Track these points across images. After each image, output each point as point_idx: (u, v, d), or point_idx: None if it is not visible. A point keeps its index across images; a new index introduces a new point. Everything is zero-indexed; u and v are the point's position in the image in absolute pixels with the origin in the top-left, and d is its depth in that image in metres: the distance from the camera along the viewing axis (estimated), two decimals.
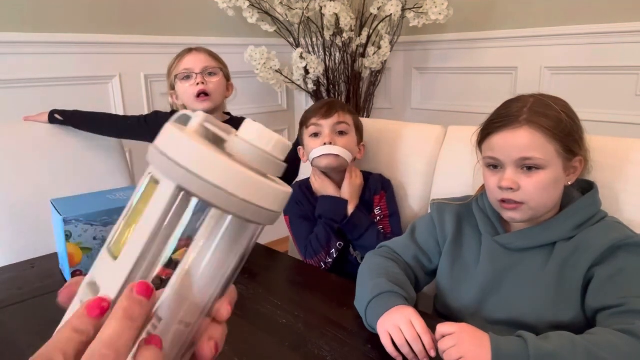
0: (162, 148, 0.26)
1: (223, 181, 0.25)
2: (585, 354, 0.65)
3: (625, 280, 0.76)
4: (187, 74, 1.46)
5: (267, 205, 0.27)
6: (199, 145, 0.26)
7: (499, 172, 0.85)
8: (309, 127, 1.23)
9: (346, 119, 1.23)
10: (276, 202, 0.28)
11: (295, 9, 2.14)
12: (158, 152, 0.26)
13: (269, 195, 0.27)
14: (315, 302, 0.96)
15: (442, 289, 0.96)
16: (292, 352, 0.77)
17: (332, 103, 1.26)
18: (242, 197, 0.26)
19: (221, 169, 0.25)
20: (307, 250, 1.21)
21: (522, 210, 0.83)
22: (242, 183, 0.26)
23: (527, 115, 0.81)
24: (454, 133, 1.27)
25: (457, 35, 2.19)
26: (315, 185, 1.26)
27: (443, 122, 1.36)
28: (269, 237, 2.52)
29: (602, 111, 1.83)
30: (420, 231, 1.00)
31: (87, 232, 0.98)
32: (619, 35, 1.77)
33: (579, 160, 0.85)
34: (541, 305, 0.83)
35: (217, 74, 1.49)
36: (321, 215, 1.21)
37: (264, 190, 0.27)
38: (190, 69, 1.46)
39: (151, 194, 0.26)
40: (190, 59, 1.47)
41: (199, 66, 1.46)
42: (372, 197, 1.27)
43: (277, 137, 0.28)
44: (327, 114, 1.22)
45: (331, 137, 1.20)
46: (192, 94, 1.44)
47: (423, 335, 0.72)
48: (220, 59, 1.55)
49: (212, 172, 0.25)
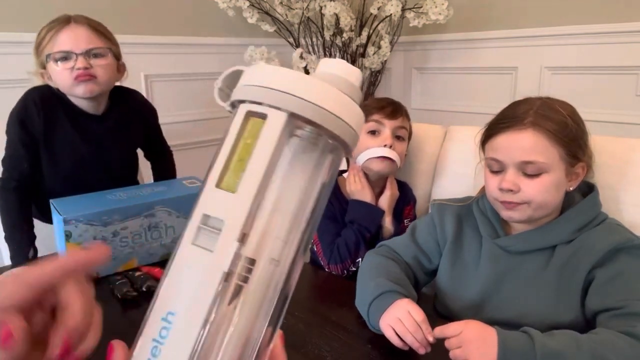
0: (264, 84, 0.28)
1: (331, 106, 0.28)
2: (590, 353, 0.65)
3: (626, 283, 0.76)
4: (64, 55, 1.15)
5: (357, 128, 0.30)
6: (300, 74, 0.28)
7: (500, 174, 0.84)
8: (369, 123, 1.16)
9: (406, 125, 1.20)
10: (360, 127, 0.30)
11: (295, 9, 2.14)
12: (257, 87, 0.28)
13: (359, 119, 0.30)
14: (315, 302, 0.96)
15: (442, 289, 0.96)
16: (292, 352, 0.76)
17: (398, 105, 1.20)
18: (347, 120, 0.28)
19: (329, 95, 0.28)
20: (333, 255, 1.13)
21: (521, 210, 0.83)
22: (345, 107, 0.28)
23: (533, 118, 0.81)
24: (454, 133, 1.27)
25: (457, 35, 2.19)
26: (352, 187, 1.18)
27: (443, 122, 1.36)
28: None
29: (602, 111, 1.82)
30: (421, 231, 1.00)
31: (88, 232, 0.98)
32: (619, 35, 1.76)
33: (582, 167, 0.85)
34: (541, 307, 0.83)
35: (104, 55, 1.19)
36: (353, 221, 1.14)
37: (357, 115, 0.29)
38: (69, 50, 1.14)
39: (259, 128, 0.27)
40: (67, 36, 1.15)
41: (80, 46, 1.15)
42: (404, 207, 1.23)
43: (354, 68, 0.31)
44: (392, 114, 1.16)
45: (392, 140, 1.15)
46: (69, 78, 1.15)
47: (421, 324, 0.75)
48: (109, 34, 1.23)
49: (321, 98, 0.27)
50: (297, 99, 0.27)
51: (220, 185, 0.28)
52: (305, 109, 0.27)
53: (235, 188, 0.27)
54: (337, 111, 0.28)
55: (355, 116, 0.29)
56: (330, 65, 0.30)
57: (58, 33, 1.15)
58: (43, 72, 1.20)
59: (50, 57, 1.15)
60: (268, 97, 0.27)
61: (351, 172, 1.21)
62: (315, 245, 1.19)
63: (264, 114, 0.27)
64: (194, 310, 0.26)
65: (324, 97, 0.27)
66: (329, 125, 0.28)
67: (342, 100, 0.28)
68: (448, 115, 2.31)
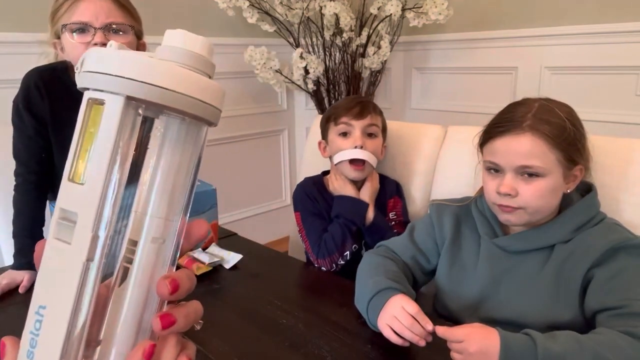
0: (99, 69, 0.27)
1: (168, 83, 0.27)
2: (592, 355, 0.65)
3: (625, 282, 0.76)
4: (81, 27, 1.06)
5: (211, 100, 0.29)
6: (137, 55, 0.27)
7: (498, 177, 0.84)
8: (339, 125, 1.20)
9: (377, 121, 1.22)
10: (216, 98, 0.30)
11: (295, 9, 2.14)
12: (93, 73, 0.27)
13: (212, 91, 0.29)
14: (315, 302, 0.96)
15: (441, 289, 0.96)
16: (292, 352, 0.77)
17: (365, 103, 1.22)
18: (188, 93, 0.28)
19: (163, 72, 0.27)
20: (320, 250, 1.16)
21: (518, 214, 0.83)
22: (186, 80, 0.28)
23: (531, 122, 0.81)
24: (454, 133, 1.27)
25: (457, 35, 2.19)
26: (335, 184, 1.22)
27: (443, 122, 1.36)
28: (269, 237, 2.52)
29: (602, 111, 1.83)
30: (419, 231, 1.00)
31: None
32: (619, 35, 1.77)
33: (580, 169, 0.85)
34: (540, 307, 0.83)
35: (125, 32, 1.10)
36: (339, 215, 1.17)
37: (202, 85, 0.29)
38: (87, 22, 1.06)
39: (99, 115, 0.27)
40: (87, 7, 1.06)
41: (100, 19, 1.06)
42: (386, 200, 1.26)
43: (201, 38, 0.30)
44: (359, 114, 1.18)
45: (362, 140, 1.17)
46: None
47: (416, 315, 0.75)
48: (133, 10, 1.14)
49: (157, 77, 0.27)
50: (131, 81, 0.27)
51: (72, 177, 0.28)
52: (141, 90, 0.27)
53: (82, 179, 0.27)
54: (175, 86, 0.27)
55: (200, 87, 0.29)
56: (172, 38, 0.30)
57: (78, 1, 1.06)
58: (56, 42, 1.12)
59: (67, 27, 1.06)
60: (104, 82, 0.27)
61: (332, 171, 1.25)
62: (304, 241, 1.22)
63: (102, 100, 0.27)
64: (61, 302, 0.27)
65: (159, 75, 0.27)
66: (170, 102, 0.27)
67: (179, 74, 0.28)
68: (448, 115, 2.31)
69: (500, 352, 0.66)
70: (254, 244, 1.26)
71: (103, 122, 0.27)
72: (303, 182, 1.29)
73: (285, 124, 2.74)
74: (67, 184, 0.28)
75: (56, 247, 0.28)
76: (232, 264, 1.11)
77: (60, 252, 0.28)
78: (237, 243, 1.25)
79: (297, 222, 1.24)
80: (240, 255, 1.13)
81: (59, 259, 0.28)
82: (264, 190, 2.73)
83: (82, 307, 0.27)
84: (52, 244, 0.28)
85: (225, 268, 1.10)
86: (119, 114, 0.27)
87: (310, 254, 1.19)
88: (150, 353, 0.29)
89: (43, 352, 0.27)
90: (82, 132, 0.28)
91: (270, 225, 2.69)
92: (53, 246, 0.28)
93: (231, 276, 1.07)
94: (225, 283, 1.04)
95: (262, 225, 2.68)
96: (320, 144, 1.29)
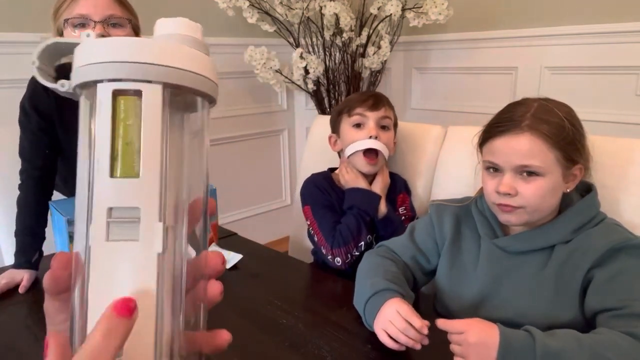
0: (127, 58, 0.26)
1: (197, 67, 0.28)
2: (591, 354, 0.65)
3: (625, 283, 0.76)
4: (82, 21, 1.11)
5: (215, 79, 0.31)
6: (155, 41, 0.27)
7: (498, 176, 0.85)
8: (353, 117, 1.20)
9: (390, 114, 1.23)
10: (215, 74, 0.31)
11: (295, 9, 2.14)
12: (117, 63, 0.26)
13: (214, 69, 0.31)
14: (315, 302, 0.96)
15: (441, 289, 0.96)
16: (292, 352, 0.77)
17: (379, 96, 1.24)
18: (209, 76, 0.29)
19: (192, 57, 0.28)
20: (335, 239, 1.14)
21: (518, 214, 0.83)
22: (206, 64, 0.29)
23: (530, 121, 0.81)
24: (454, 133, 1.27)
25: (457, 35, 2.19)
26: (346, 178, 1.22)
27: (443, 122, 1.36)
28: (269, 237, 2.52)
29: (602, 111, 1.83)
30: (419, 231, 1.01)
31: None
32: (619, 35, 1.77)
33: (579, 168, 0.85)
34: (540, 307, 0.83)
35: (123, 25, 1.14)
36: (352, 207, 1.17)
37: (213, 67, 0.30)
38: (86, 15, 1.11)
39: (135, 105, 0.27)
40: (88, 1, 1.11)
41: (100, 12, 1.11)
42: (396, 196, 1.27)
43: (194, 23, 0.31)
44: (374, 106, 1.20)
45: (376, 131, 1.19)
46: None
47: (410, 318, 0.74)
48: (129, 5, 1.19)
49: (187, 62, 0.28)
50: (166, 68, 0.27)
51: (116, 174, 0.27)
52: (177, 76, 0.27)
53: (137, 172, 0.27)
54: (202, 70, 0.28)
55: (212, 69, 0.30)
56: (174, 26, 0.30)
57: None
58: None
59: (68, 22, 1.11)
60: (139, 72, 0.26)
61: (342, 166, 1.24)
62: (315, 235, 1.20)
63: (137, 90, 0.27)
64: (144, 302, 0.26)
65: (189, 60, 0.28)
66: (200, 87, 0.28)
67: (204, 59, 0.29)
68: (448, 115, 2.31)
69: (499, 346, 0.66)
70: (254, 244, 1.26)
71: (145, 112, 0.27)
72: (312, 177, 1.29)
73: (285, 124, 2.74)
74: (111, 182, 0.26)
75: (117, 249, 0.26)
76: (232, 264, 1.11)
77: (126, 252, 0.26)
78: (237, 243, 1.25)
79: (308, 216, 1.23)
80: (240, 255, 1.13)
81: (125, 260, 0.26)
82: (264, 190, 2.73)
83: (163, 301, 0.27)
84: (107, 247, 0.26)
85: (225, 268, 1.10)
86: (160, 102, 0.27)
87: (324, 245, 1.17)
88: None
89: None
90: (114, 125, 0.27)
91: (270, 225, 2.69)
92: (112, 249, 0.26)
93: (231, 276, 1.07)
94: (225, 283, 1.04)
95: (262, 225, 2.68)
96: (330, 138, 1.29)
